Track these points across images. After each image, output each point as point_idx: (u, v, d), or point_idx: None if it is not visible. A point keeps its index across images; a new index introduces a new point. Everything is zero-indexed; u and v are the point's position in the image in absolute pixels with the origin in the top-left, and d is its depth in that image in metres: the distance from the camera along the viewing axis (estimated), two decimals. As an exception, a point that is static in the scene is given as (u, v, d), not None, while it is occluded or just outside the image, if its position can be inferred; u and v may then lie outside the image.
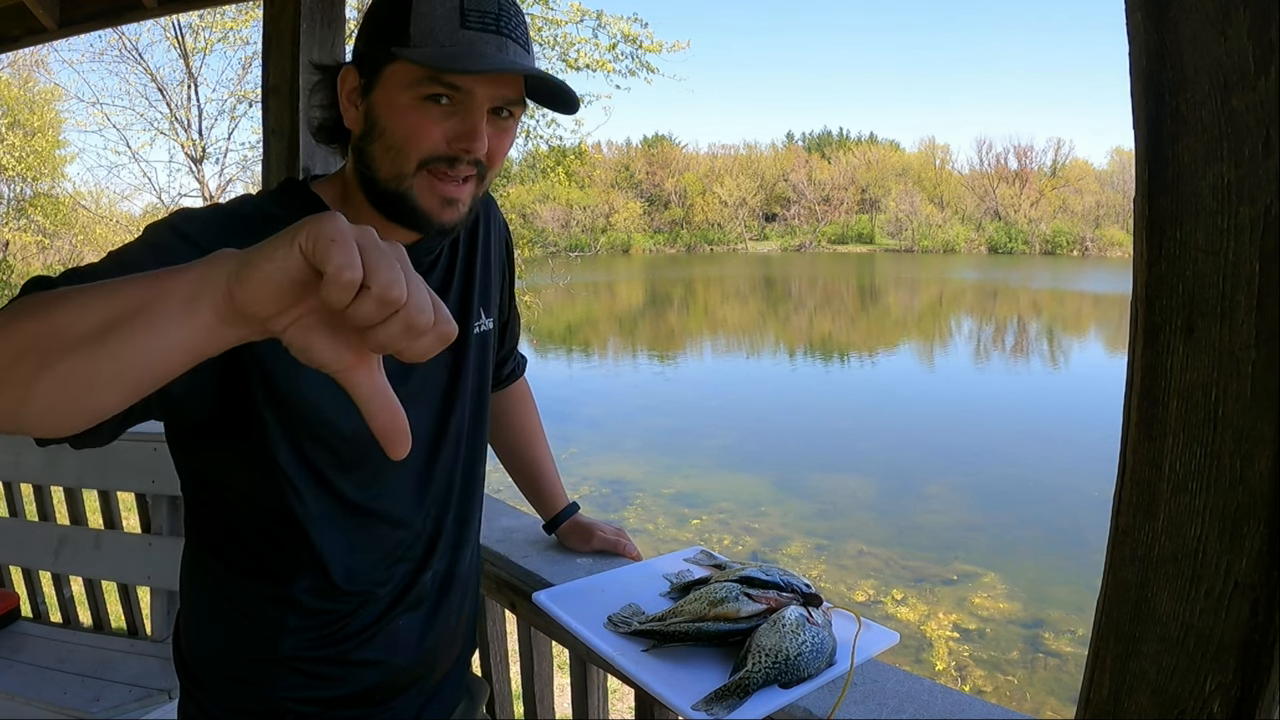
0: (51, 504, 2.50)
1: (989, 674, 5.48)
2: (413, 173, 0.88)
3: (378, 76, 0.88)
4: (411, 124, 0.86)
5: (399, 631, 1.04)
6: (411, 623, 1.06)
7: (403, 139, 0.87)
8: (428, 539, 1.06)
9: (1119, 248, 50.94)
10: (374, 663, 1.03)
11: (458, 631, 1.15)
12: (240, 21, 11.51)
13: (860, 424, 12.64)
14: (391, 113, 0.87)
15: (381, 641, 1.03)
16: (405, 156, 0.87)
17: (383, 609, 1.03)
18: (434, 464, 1.05)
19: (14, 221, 17.43)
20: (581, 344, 22.26)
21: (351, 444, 0.95)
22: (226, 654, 1.00)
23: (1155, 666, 0.63)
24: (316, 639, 1.00)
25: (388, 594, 1.03)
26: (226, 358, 0.66)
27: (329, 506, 0.97)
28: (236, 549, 0.98)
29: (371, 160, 0.90)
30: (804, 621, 1.04)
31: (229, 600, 0.99)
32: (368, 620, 1.02)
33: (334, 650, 1.00)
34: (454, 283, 1.07)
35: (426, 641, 1.08)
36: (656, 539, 7.51)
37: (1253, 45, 0.53)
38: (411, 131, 0.87)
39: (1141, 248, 0.61)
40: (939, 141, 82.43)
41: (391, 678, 1.05)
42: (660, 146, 68.92)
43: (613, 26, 10.20)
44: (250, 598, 0.99)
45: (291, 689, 1.00)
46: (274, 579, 0.98)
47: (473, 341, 1.08)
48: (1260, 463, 0.57)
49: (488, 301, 1.12)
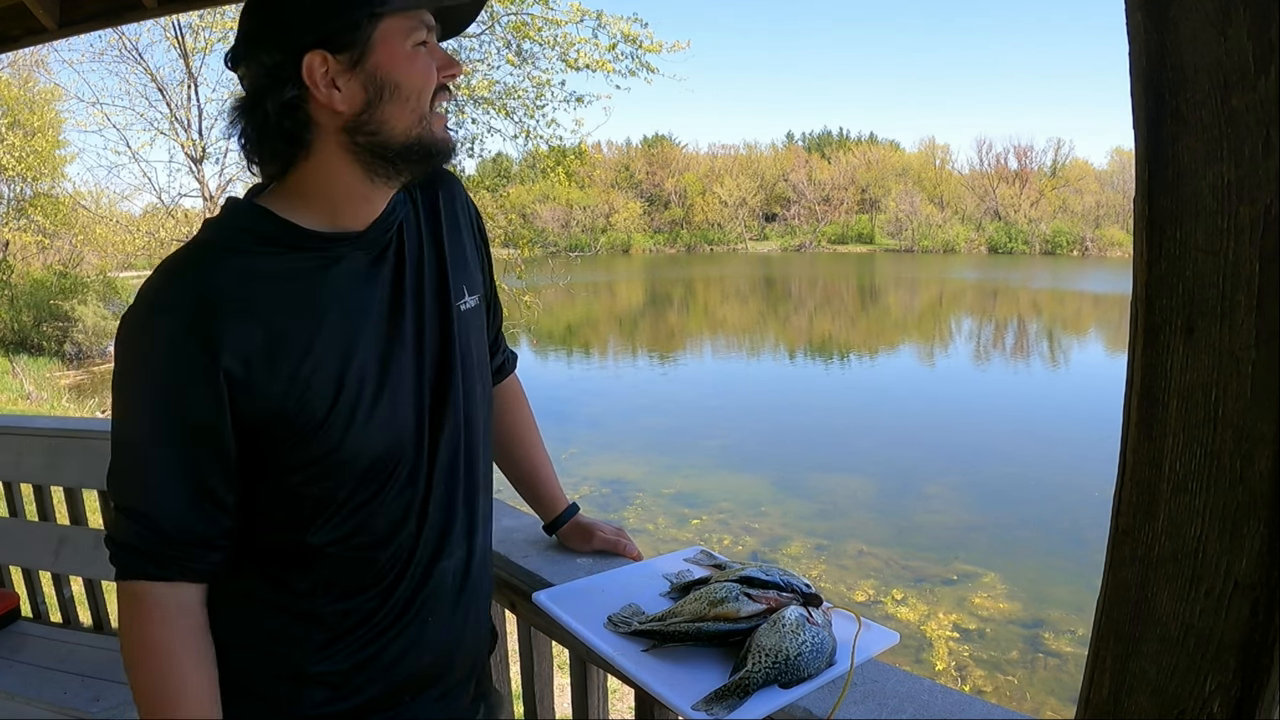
0: (51, 504, 2.50)
1: (989, 674, 5.48)
2: (429, 110, 0.95)
3: (370, 43, 0.91)
4: (420, 68, 0.94)
5: (425, 627, 1.05)
6: (435, 615, 1.06)
7: (420, 83, 0.94)
8: (440, 525, 1.05)
9: (1119, 248, 50.94)
10: (400, 663, 1.04)
11: (480, 625, 1.16)
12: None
13: (860, 424, 12.65)
14: (400, 66, 0.92)
15: (407, 640, 1.04)
16: (423, 98, 0.94)
17: (404, 604, 1.03)
18: (437, 446, 1.04)
19: (14, 221, 17.44)
20: (581, 344, 22.27)
21: (352, 466, 0.98)
22: (253, 674, 1.00)
23: (1155, 666, 0.63)
24: (343, 649, 1.01)
25: (407, 590, 1.03)
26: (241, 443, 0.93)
27: (342, 511, 0.99)
28: (254, 568, 0.99)
29: (384, 122, 0.93)
30: (804, 621, 1.04)
31: (253, 623, 1.00)
32: (390, 620, 1.02)
33: (361, 656, 1.01)
34: (428, 261, 1.07)
35: (449, 635, 1.08)
36: (656, 539, 7.51)
37: (1253, 45, 0.53)
38: (423, 74, 0.94)
39: (1141, 248, 0.60)
40: (939, 141, 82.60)
41: (417, 674, 1.06)
42: (660, 146, 68.94)
43: (613, 26, 10.20)
44: (272, 616, 1.00)
45: (319, 704, 1.01)
46: (294, 594, 1.00)
47: (458, 318, 1.08)
48: (1260, 463, 0.57)
49: (469, 279, 1.12)
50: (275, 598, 1.00)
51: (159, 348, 0.90)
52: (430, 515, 1.04)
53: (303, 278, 0.95)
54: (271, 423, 0.92)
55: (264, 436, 0.93)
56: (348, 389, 0.95)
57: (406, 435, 1.01)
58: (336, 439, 0.95)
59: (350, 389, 0.96)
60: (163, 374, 0.90)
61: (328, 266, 0.97)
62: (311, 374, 0.93)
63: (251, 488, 0.97)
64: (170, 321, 0.89)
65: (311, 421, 0.93)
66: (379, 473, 0.99)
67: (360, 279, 0.99)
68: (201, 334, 0.88)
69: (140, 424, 0.92)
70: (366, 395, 0.97)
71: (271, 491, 0.97)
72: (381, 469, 0.99)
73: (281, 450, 0.95)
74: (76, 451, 2.37)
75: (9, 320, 16.56)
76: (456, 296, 1.08)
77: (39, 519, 2.47)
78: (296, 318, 0.93)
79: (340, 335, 0.96)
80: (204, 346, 0.88)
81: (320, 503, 0.98)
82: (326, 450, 0.95)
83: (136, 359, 0.92)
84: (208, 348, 0.88)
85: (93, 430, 2.44)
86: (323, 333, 0.94)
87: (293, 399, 0.92)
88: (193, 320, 0.88)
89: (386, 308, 1.01)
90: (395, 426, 1.00)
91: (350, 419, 0.96)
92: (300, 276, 0.95)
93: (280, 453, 0.95)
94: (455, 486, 1.07)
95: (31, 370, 14.28)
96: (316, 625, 1.00)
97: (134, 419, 0.93)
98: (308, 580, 1.00)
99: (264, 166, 0.97)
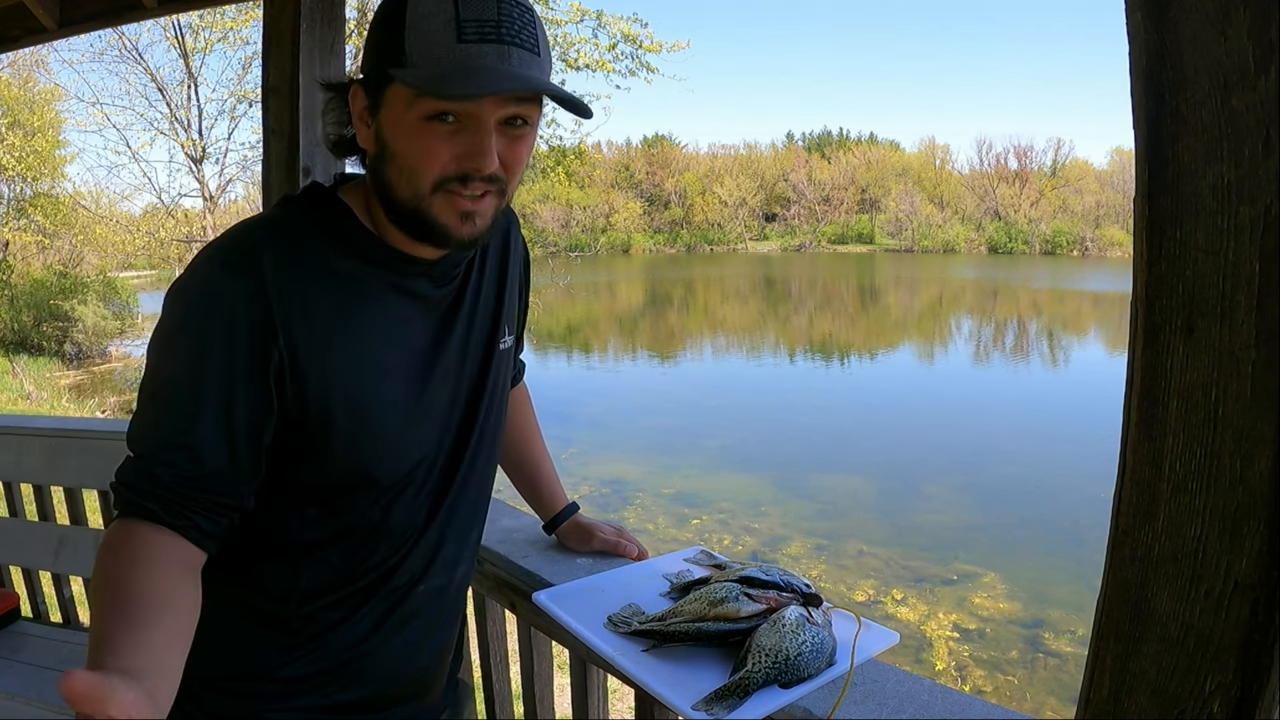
0: (51, 504, 2.50)
1: (989, 674, 5.48)
2: (429, 194, 0.86)
3: (381, 98, 0.86)
4: (420, 146, 0.85)
5: (389, 645, 1.04)
6: (405, 638, 1.05)
7: (414, 162, 0.85)
8: (429, 552, 1.05)
9: (1119, 248, 50.92)
10: (366, 674, 1.03)
11: (446, 649, 1.15)
12: (240, 21, 11.51)
13: (860, 424, 12.64)
14: (399, 135, 0.86)
15: (372, 655, 1.03)
16: (419, 178, 0.86)
17: (374, 623, 1.02)
18: (452, 479, 1.04)
19: (14, 221, 17.45)
20: (581, 344, 22.27)
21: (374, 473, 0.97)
22: (215, 669, 0.98)
23: (1155, 666, 0.63)
24: (307, 656, 1.00)
25: (381, 607, 1.02)
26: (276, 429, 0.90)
27: (336, 526, 0.98)
28: (234, 565, 0.98)
29: (387, 181, 0.89)
30: (804, 621, 1.04)
31: (225, 617, 0.98)
32: (361, 635, 1.01)
33: (325, 664, 1.00)
34: (484, 301, 1.06)
35: (419, 658, 1.08)
36: (656, 539, 7.51)
37: (1253, 45, 0.53)
38: (421, 154, 0.85)
39: (1141, 248, 0.61)
40: (939, 142, 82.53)
41: (385, 690, 1.05)
42: (660, 146, 68.91)
43: (613, 26, 10.21)
44: (242, 614, 0.99)
45: (277, 699, 1.00)
46: (268, 597, 0.99)
47: (496, 357, 1.08)
48: (1260, 463, 0.57)
49: (511, 319, 1.13)
50: (250, 599, 0.99)
51: (219, 308, 0.86)
52: (422, 542, 1.03)
53: (368, 290, 0.93)
54: (292, 419, 0.90)
55: (281, 430, 0.91)
56: (382, 408, 0.94)
57: (421, 464, 1.00)
58: (357, 454, 0.94)
59: (385, 408, 0.94)
60: (218, 334, 0.86)
61: (395, 285, 0.95)
62: (344, 385, 0.91)
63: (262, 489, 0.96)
64: (235, 285, 0.86)
65: (337, 430, 0.92)
66: (389, 490, 0.99)
67: (420, 307, 0.98)
68: (261, 308, 0.85)
69: (181, 372, 0.87)
70: (397, 419, 0.96)
71: (273, 488, 0.96)
72: (392, 489, 0.99)
73: (292, 449, 0.93)
74: (76, 451, 2.37)
75: (9, 320, 16.56)
76: (500, 335, 1.08)
77: (39, 519, 2.47)
78: (349, 327, 0.92)
79: (384, 356, 0.94)
80: (263, 320, 0.86)
81: (325, 512, 0.97)
82: (343, 462, 0.94)
83: (192, 314, 0.87)
84: (267, 322, 0.86)
85: (93, 430, 2.44)
86: (369, 349, 0.93)
87: (327, 403, 0.90)
88: (256, 289, 0.85)
89: (435, 340, 0.99)
90: (416, 452, 0.99)
91: (377, 439, 0.95)
92: (366, 288, 0.93)
93: (290, 451, 0.93)
94: (455, 515, 1.06)
95: (31, 370, 14.28)
96: (284, 631, 0.99)
97: (174, 367, 0.88)
98: (286, 585, 0.98)
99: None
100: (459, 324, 1.02)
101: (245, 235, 0.91)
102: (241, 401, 0.87)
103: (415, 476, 1.00)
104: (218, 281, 0.87)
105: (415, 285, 0.97)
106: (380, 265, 0.94)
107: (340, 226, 0.93)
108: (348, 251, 0.93)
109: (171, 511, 0.85)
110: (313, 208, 0.95)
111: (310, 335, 0.88)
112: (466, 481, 1.06)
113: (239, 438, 0.88)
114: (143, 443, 0.88)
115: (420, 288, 0.97)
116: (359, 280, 0.93)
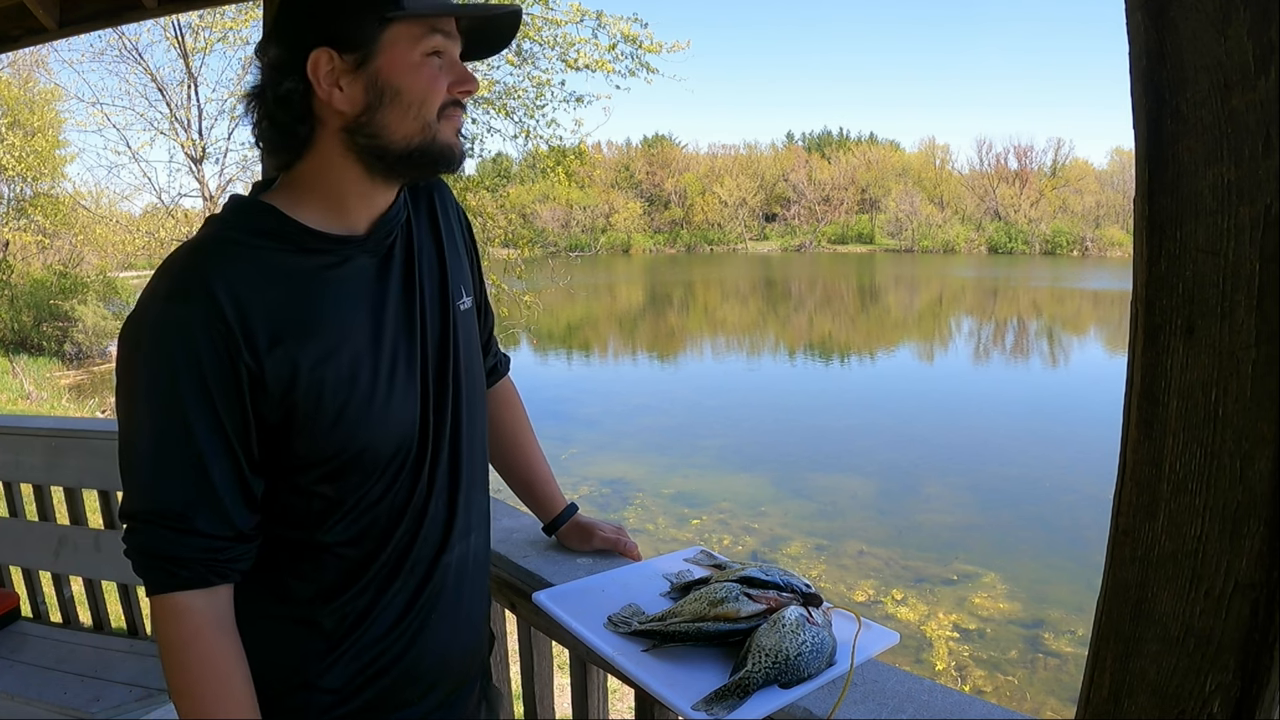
0: (51, 504, 2.50)
1: (989, 674, 5.48)
2: (435, 119, 0.95)
3: (375, 46, 0.92)
4: (426, 77, 0.94)
5: (426, 625, 1.05)
6: (437, 613, 1.07)
7: (423, 92, 0.94)
8: (440, 524, 1.06)
9: (1119, 248, 50.91)
10: (401, 662, 1.04)
11: (480, 624, 1.17)
12: (240, 21, 11.49)
13: (860, 424, 12.64)
14: (405, 72, 0.93)
15: (410, 639, 1.04)
16: (428, 106, 0.95)
17: (406, 603, 1.04)
18: (441, 445, 1.06)
19: (14, 221, 17.43)
20: (581, 344, 22.27)
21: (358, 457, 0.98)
22: (266, 690, 0.98)
23: (1155, 666, 0.63)
24: (346, 653, 1.01)
25: (407, 587, 1.04)
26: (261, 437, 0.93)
27: (343, 514, 0.99)
28: (256, 584, 0.99)
29: (385, 126, 0.94)
30: (804, 621, 1.04)
31: (261, 635, 0.99)
32: (393, 619, 1.03)
33: (366, 658, 1.02)
34: (428, 264, 1.08)
35: (450, 634, 1.09)
36: (656, 539, 7.51)
37: (1253, 45, 0.53)
38: (429, 83, 0.94)
39: (1141, 248, 0.60)
40: (939, 141, 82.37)
41: (421, 673, 1.06)
42: (660, 146, 68.88)
43: (612, 27, 10.18)
44: (273, 628, 1.01)
45: (326, 709, 1.01)
46: (294, 602, 1.01)
47: (458, 319, 1.10)
48: (1260, 463, 0.57)
49: (464, 280, 1.14)
50: (276, 609, 1.01)
51: (179, 339, 0.88)
52: (431, 511, 1.05)
53: (312, 276, 0.96)
54: (286, 419, 0.93)
55: (278, 433, 0.94)
56: (359, 386, 0.97)
57: (412, 430, 1.02)
58: (349, 435, 0.96)
59: (362, 386, 0.97)
60: (184, 365, 0.88)
61: (335, 266, 0.98)
62: (324, 371, 0.94)
63: (267, 486, 0.98)
64: (189, 313, 0.88)
65: (324, 418, 0.94)
66: (387, 467, 1.00)
67: (367, 278, 1.01)
68: (221, 326, 0.88)
69: (163, 419, 0.90)
70: (379, 392, 0.98)
71: (284, 490, 0.98)
72: (390, 463, 1.01)
73: (294, 447, 0.95)
74: (76, 451, 2.37)
75: (9, 320, 16.56)
76: (455, 297, 1.10)
77: (39, 519, 2.47)
78: (307, 315, 0.94)
79: (350, 333, 0.97)
80: (225, 338, 0.88)
81: (331, 501, 0.99)
82: (338, 445, 0.96)
83: (155, 354, 0.89)
84: (229, 340, 0.88)
85: (93, 430, 2.44)
86: (333, 330, 0.96)
87: (307, 397, 0.93)
88: (211, 311, 0.88)
89: (393, 307, 1.02)
90: (403, 421, 1.01)
91: (362, 415, 0.97)
92: (309, 275, 0.96)
93: (293, 449, 0.95)
94: (455, 482, 1.08)
95: (31, 370, 14.28)
96: (317, 632, 1.00)
97: (155, 415, 0.90)
98: (310, 585, 1.00)
99: (272, 157, 0.99)
100: (406, 289, 1.04)
101: (183, 263, 0.93)
102: (231, 431, 0.91)
103: (406, 445, 1.02)
104: (173, 314, 0.89)
105: (354, 263, 1.00)
106: (317, 252, 0.97)
107: (270, 226, 0.96)
108: (284, 248, 0.95)
109: (215, 570, 0.92)
110: (240, 216, 0.98)
111: (271, 338, 0.91)
112: (457, 446, 1.08)
113: (243, 468, 0.93)
114: (138, 501, 0.91)
115: (360, 265, 1.00)
116: (301, 271, 0.96)
